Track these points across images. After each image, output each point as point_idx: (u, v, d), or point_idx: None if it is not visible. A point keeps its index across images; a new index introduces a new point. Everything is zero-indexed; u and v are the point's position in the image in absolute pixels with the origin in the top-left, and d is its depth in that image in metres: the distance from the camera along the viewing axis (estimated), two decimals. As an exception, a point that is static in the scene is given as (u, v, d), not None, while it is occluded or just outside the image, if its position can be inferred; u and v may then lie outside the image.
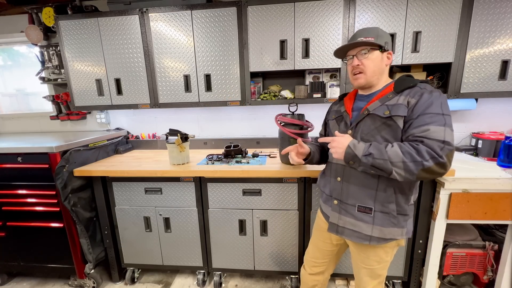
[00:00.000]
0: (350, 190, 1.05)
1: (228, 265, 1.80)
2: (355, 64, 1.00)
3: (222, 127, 2.28)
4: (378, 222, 1.01)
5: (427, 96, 0.90)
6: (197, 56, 1.80)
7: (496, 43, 1.57)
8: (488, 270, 1.57)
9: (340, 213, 1.09)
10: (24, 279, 2.02)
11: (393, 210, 0.99)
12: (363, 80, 1.01)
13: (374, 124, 0.98)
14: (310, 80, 1.96)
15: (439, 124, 0.86)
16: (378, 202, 1.00)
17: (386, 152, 0.87)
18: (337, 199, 1.10)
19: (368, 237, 1.03)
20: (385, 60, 1.01)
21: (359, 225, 1.04)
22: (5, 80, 2.56)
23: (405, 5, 1.57)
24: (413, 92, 0.94)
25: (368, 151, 0.89)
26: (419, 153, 0.84)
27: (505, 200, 1.34)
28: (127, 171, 1.64)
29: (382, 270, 1.13)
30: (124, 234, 1.83)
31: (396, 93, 0.97)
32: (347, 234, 1.08)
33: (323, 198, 1.22)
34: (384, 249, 1.07)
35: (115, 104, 1.96)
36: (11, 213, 1.75)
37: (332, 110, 1.21)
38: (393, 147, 0.87)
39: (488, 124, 1.99)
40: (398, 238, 1.03)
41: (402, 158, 0.85)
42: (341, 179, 1.08)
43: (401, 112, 0.92)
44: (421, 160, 0.83)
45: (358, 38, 0.99)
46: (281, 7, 1.66)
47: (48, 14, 2.03)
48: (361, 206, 1.03)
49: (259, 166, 1.61)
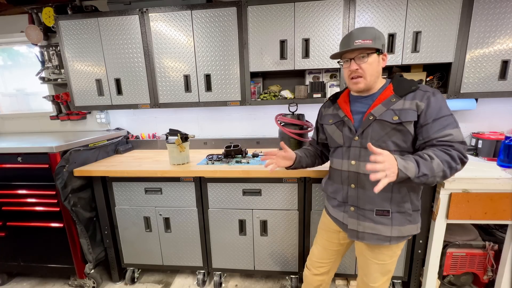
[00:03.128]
0: (366, 196, 1.05)
1: (228, 265, 1.80)
2: (354, 68, 0.98)
3: (222, 127, 2.28)
4: (396, 223, 1.03)
5: (434, 100, 0.95)
6: (197, 56, 1.80)
7: (496, 43, 1.57)
8: (488, 270, 1.57)
9: (359, 219, 1.08)
10: (24, 279, 2.02)
11: (408, 209, 1.03)
12: (362, 84, 1.00)
13: (384, 130, 0.98)
14: (310, 80, 1.96)
15: (454, 126, 0.93)
16: (394, 203, 1.02)
17: (434, 169, 0.86)
18: (353, 206, 1.09)
19: (388, 238, 1.04)
20: (381, 62, 1.01)
21: (379, 228, 1.05)
22: (5, 80, 2.56)
23: (405, 5, 1.57)
24: (419, 96, 0.96)
25: (421, 172, 0.85)
26: (453, 159, 0.89)
27: (505, 200, 1.34)
28: (127, 171, 1.64)
29: (392, 265, 1.14)
30: (124, 234, 1.83)
31: (399, 97, 0.97)
32: (367, 239, 1.08)
33: (333, 203, 1.19)
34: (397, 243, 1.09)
35: (115, 104, 1.96)
36: (11, 213, 1.75)
37: (327, 114, 1.18)
38: (434, 160, 0.87)
39: (488, 124, 1.99)
40: (414, 233, 1.07)
41: (443, 168, 0.87)
42: (355, 186, 1.07)
43: (411, 118, 0.94)
44: (455, 166, 0.89)
45: (355, 39, 0.96)
46: (281, 7, 1.66)
47: (48, 14, 2.03)
48: (379, 210, 1.04)
49: (259, 166, 1.61)
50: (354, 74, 1.00)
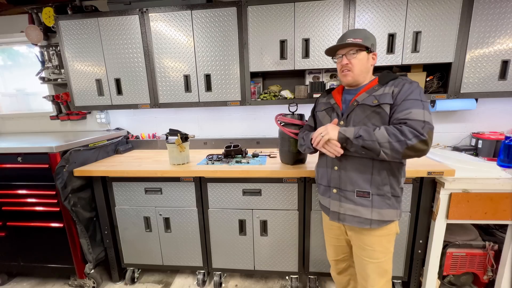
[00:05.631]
0: (347, 177, 1.11)
1: (228, 265, 1.80)
2: (344, 63, 1.09)
3: (222, 127, 2.28)
4: (376, 205, 1.08)
5: (407, 86, 1.03)
6: (197, 56, 1.80)
7: (496, 43, 1.57)
8: (488, 270, 1.57)
9: (340, 201, 1.15)
10: (24, 279, 2.02)
11: (387, 192, 1.08)
12: (350, 77, 1.11)
13: (364, 113, 1.07)
14: (310, 80, 1.96)
15: (418, 107, 0.98)
16: (374, 185, 1.08)
17: (374, 134, 0.97)
18: (336, 188, 1.16)
19: (369, 221, 1.10)
20: (371, 60, 1.11)
21: (359, 210, 1.10)
22: (5, 80, 2.56)
23: (405, 5, 1.57)
24: (396, 82, 1.06)
25: (358, 134, 0.99)
26: (403, 133, 0.94)
27: (505, 200, 1.34)
28: (127, 171, 1.64)
29: (388, 264, 1.17)
30: (124, 234, 1.83)
31: (381, 85, 1.08)
32: (348, 221, 1.14)
33: (320, 191, 1.25)
34: (386, 237, 1.14)
35: (115, 104, 1.96)
36: (11, 213, 1.75)
37: (321, 103, 1.28)
38: (380, 130, 0.97)
39: (488, 124, 1.99)
40: (395, 219, 1.12)
41: (388, 139, 0.94)
42: (338, 168, 1.14)
43: (388, 100, 1.03)
44: (404, 140, 0.93)
45: (347, 38, 1.07)
46: (281, 7, 1.66)
47: (48, 14, 2.03)
48: (360, 191, 1.09)
49: (259, 166, 1.61)
50: (344, 68, 1.10)
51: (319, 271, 1.73)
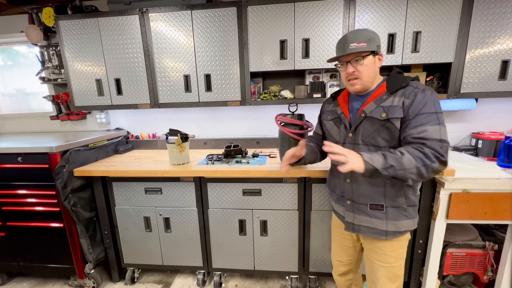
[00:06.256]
0: (360, 190, 1.08)
1: (228, 265, 1.80)
2: (350, 71, 1.01)
3: (222, 127, 2.28)
4: (391, 217, 1.04)
5: (420, 96, 0.94)
6: (197, 56, 1.80)
7: (496, 43, 1.57)
8: (488, 270, 1.57)
9: (354, 212, 1.12)
10: (24, 279, 2.02)
11: (403, 203, 1.04)
12: (359, 86, 1.03)
13: (373, 127, 1.01)
14: (310, 80, 1.96)
15: (434, 123, 0.91)
16: (388, 198, 1.04)
17: (403, 162, 0.87)
18: (349, 200, 1.12)
19: (384, 232, 1.06)
20: (378, 62, 1.03)
21: (374, 221, 1.07)
22: (5, 80, 2.56)
23: (405, 5, 1.57)
24: (407, 92, 0.96)
25: (389, 163, 0.87)
26: (427, 156, 0.87)
27: (505, 200, 1.34)
28: (127, 171, 1.64)
29: (400, 270, 1.14)
30: (124, 234, 1.83)
31: (390, 94, 0.99)
32: (363, 232, 1.11)
33: (334, 198, 1.23)
34: (399, 242, 1.10)
35: (115, 104, 1.96)
36: (11, 213, 1.75)
37: (327, 110, 1.22)
38: (404, 155, 0.88)
39: (488, 124, 1.99)
40: (412, 228, 1.07)
41: (415, 164, 0.87)
42: (350, 181, 1.11)
43: (398, 114, 0.95)
44: (430, 164, 0.87)
45: (350, 43, 0.98)
46: (281, 7, 1.66)
47: (48, 14, 2.03)
48: (373, 204, 1.06)
49: (259, 166, 1.61)
50: (351, 76, 1.02)
51: (319, 271, 1.73)
